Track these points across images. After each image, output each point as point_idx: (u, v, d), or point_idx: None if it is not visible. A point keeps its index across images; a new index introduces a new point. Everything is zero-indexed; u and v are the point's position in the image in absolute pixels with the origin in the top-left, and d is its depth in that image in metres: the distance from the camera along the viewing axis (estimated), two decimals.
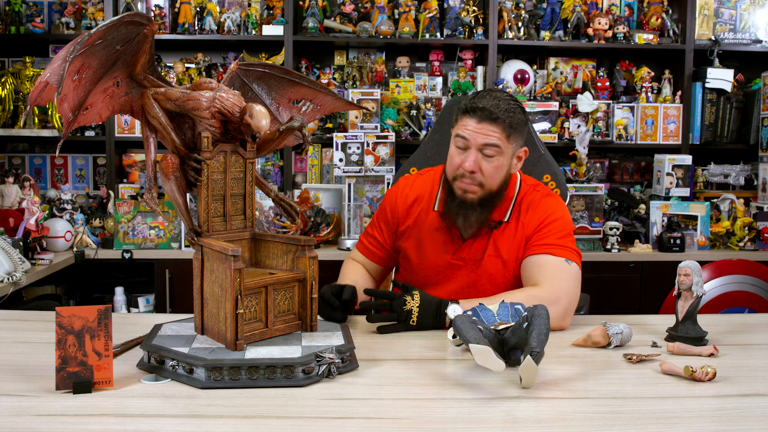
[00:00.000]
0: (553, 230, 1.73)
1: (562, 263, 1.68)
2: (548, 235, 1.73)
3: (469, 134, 1.68)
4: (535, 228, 1.75)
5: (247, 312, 1.29)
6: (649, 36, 3.60)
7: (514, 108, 1.70)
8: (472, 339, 1.25)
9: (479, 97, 1.70)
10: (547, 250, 1.70)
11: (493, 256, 1.77)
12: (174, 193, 1.32)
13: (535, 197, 1.80)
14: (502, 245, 1.77)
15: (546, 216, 1.76)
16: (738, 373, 1.31)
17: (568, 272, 1.67)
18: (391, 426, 1.07)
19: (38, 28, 3.56)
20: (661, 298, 3.16)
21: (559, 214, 1.78)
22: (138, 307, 3.22)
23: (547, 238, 1.72)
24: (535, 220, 1.76)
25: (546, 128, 3.54)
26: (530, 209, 1.78)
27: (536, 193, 1.82)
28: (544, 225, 1.75)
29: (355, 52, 3.81)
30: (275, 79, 1.55)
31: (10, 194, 3.03)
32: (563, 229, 1.75)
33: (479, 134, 1.67)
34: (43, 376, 1.25)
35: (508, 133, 1.69)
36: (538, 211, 1.77)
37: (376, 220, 1.95)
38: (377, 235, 1.93)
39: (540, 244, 1.72)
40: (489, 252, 1.77)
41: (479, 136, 1.67)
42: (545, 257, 1.70)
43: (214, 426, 1.06)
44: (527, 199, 1.81)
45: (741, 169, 3.70)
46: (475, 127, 1.67)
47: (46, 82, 1.15)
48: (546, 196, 1.82)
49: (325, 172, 3.63)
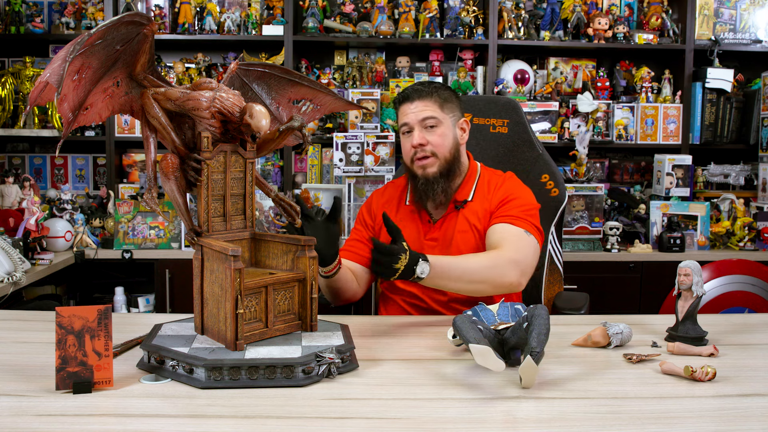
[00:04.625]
0: (516, 205, 1.85)
1: (522, 233, 1.79)
2: (511, 208, 1.85)
3: (407, 117, 1.86)
4: (499, 202, 1.87)
5: (247, 312, 1.29)
6: (649, 36, 3.60)
7: (438, 85, 1.90)
8: (472, 339, 1.25)
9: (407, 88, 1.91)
10: (509, 220, 1.82)
11: (463, 232, 1.87)
12: (174, 193, 1.32)
13: (498, 179, 1.94)
14: (469, 221, 1.88)
15: (510, 192, 1.89)
16: (738, 373, 1.31)
17: (527, 241, 1.79)
18: (391, 426, 1.07)
19: (38, 28, 3.56)
20: (661, 298, 3.16)
21: (522, 192, 1.90)
22: (138, 307, 3.22)
23: (510, 211, 1.84)
24: (499, 196, 1.89)
25: (546, 128, 3.54)
26: (494, 188, 1.91)
27: (498, 177, 1.95)
28: (508, 200, 1.87)
29: (355, 52, 3.81)
30: (275, 79, 1.56)
31: (10, 194, 3.03)
32: (525, 204, 1.86)
33: (416, 113, 1.85)
34: (43, 376, 1.25)
35: (440, 104, 1.86)
36: (502, 188, 1.90)
37: (355, 227, 2.04)
38: (357, 237, 1.99)
39: (503, 216, 1.83)
40: (459, 228, 1.87)
41: (415, 114, 1.85)
42: (506, 226, 1.81)
43: (214, 426, 1.06)
44: (492, 181, 1.94)
45: (741, 169, 3.70)
46: (410, 108, 1.86)
47: (46, 82, 1.15)
48: (509, 179, 1.95)
49: (325, 172, 3.63)
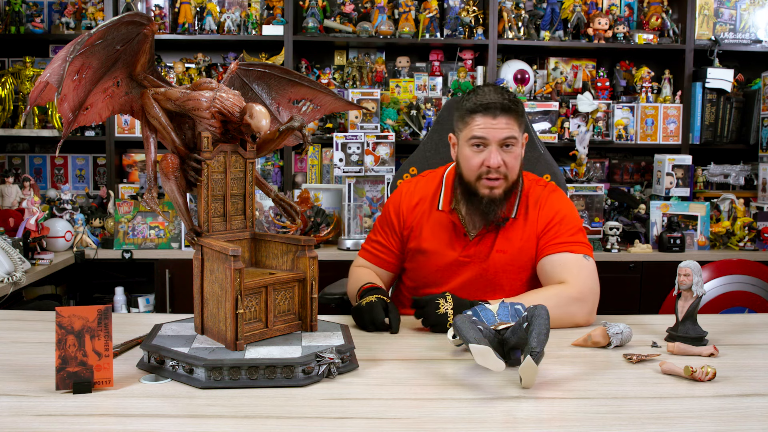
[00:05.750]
0: (565, 227, 1.76)
1: (581, 260, 1.71)
2: (561, 232, 1.75)
3: (487, 132, 1.70)
4: (546, 225, 1.77)
5: (247, 312, 1.29)
6: (649, 36, 3.60)
7: (515, 96, 1.75)
8: (472, 339, 1.25)
9: (482, 93, 1.73)
10: (564, 248, 1.72)
11: (500, 252, 1.78)
12: (174, 193, 1.32)
13: (542, 193, 1.82)
14: (509, 241, 1.78)
15: (555, 212, 1.78)
16: (738, 373, 1.31)
17: (588, 268, 1.70)
18: (391, 426, 1.07)
19: (38, 28, 3.56)
20: (661, 298, 3.16)
21: (567, 210, 1.80)
22: (138, 307, 3.22)
23: (560, 236, 1.75)
24: (544, 217, 1.78)
25: (546, 128, 3.54)
26: (538, 205, 1.80)
27: (541, 188, 1.84)
28: (556, 222, 1.77)
29: (355, 52, 3.81)
30: (275, 79, 1.55)
31: (10, 194, 3.03)
32: (574, 225, 1.77)
33: (497, 129, 1.69)
34: (43, 376, 1.25)
35: (519, 122, 1.73)
36: (546, 207, 1.79)
37: (380, 225, 1.93)
38: (382, 240, 1.90)
39: (556, 243, 1.74)
40: (497, 248, 1.78)
41: (498, 131, 1.70)
42: (564, 255, 1.72)
43: (214, 426, 1.06)
44: (533, 194, 1.82)
45: (741, 169, 3.70)
46: (491, 123, 1.70)
47: (46, 82, 1.15)
48: (552, 192, 1.84)
49: (325, 172, 3.63)
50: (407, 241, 1.88)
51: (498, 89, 1.74)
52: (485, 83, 1.78)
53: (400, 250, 1.90)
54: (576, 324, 1.64)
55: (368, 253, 1.92)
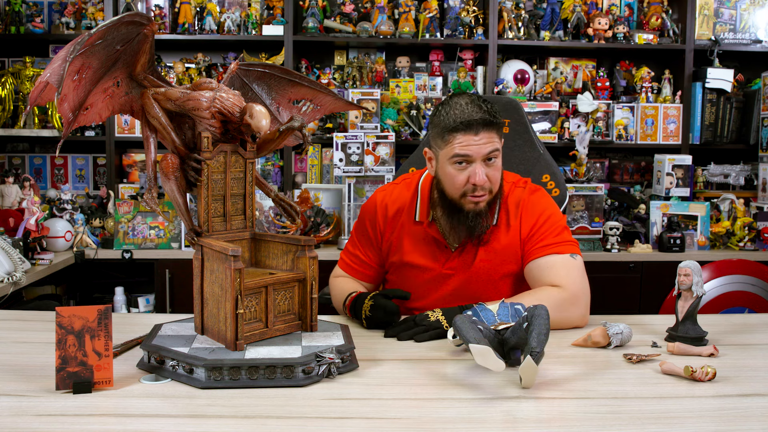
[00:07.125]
0: (549, 228, 1.73)
1: (569, 260, 1.69)
2: (546, 234, 1.72)
3: (470, 149, 1.63)
4: (530, 229, 1.74)
5: (247, 312, 1.29)
6: (649, 36, 3.60)
7: (491, 106, 1.67)
8: (472, 339, 1.25)
9: (459, 108, 1.64)
10: (551, 250, 1.70)
11: (484, 261, 1.75)
12: (174, 193, 1.32)
13: (522, 196, 1.78)
14: (491, 248, 1.75)
15: (538, 215, 1.74)
16: (738, 373, 1.31)
17: (577, 268, 1.69)
18: (391, 426, 1.07)
19: (38, 28, 3.56)
20: (661, 298, 3.16)
21: (550, 210, 1.77)
22: (138, 307, 3.22)
23: (546, 238, 1.72)
24: (527, 222, 1.74)
25: (546, 128, 3.55)
26: (520, 209, 1.76)
27: (520, 190, 1.79)
28: (540, 225, 1.73)
29: (355, 52, 3.81)
30: (275, 79, 1.55)
31: (10, 194, 3.03)
32: (558, 225, 1.74)
33: (480, 145, 1.63)
34: (43, 376, 1.25)
35: (499, 133, 1.67)
36: (528, 211, 1.75)
37: (357, 237, 1.87)
38: (361, 255, 1.85)
39: (542, 246, 1.71)
40: (479, 258, 1.75)
41: (480, 147, 1.63)
42: (552, 258, 1.69)
43: (214, 426, 1.06)
44: (513, 198, 1.78)
45: (741, 169, 3.70)
46: (474, 140, 1.62)
47: (46, 82, 1.16)
48: (532, 193, 1.79)
49: (325, 172, 3.63)
50: (387, 255, 1.83)
51: (474, 101, 1.65)
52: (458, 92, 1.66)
53: (380, 264, 1.85)
54: (572, 326, 1.63)
55: (346, 265, 1.88)
